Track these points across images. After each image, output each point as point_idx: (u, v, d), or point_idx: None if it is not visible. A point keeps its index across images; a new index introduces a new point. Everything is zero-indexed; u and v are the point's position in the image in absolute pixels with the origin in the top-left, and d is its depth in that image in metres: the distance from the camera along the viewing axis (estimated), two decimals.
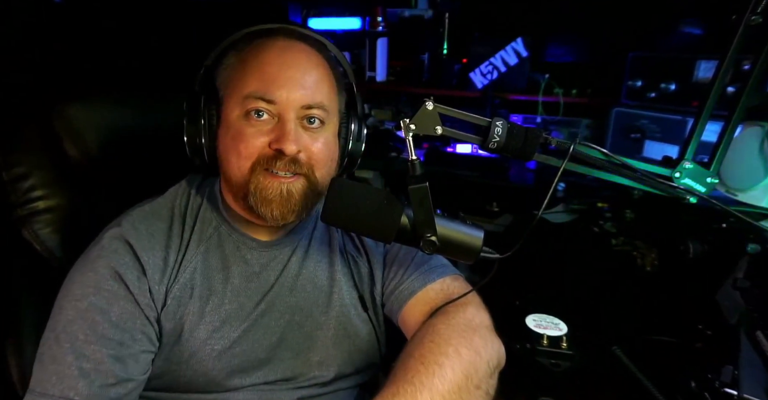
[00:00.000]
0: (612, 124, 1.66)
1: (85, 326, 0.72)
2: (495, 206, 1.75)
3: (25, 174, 0.89)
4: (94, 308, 0.73)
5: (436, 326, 0.75)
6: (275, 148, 0.74)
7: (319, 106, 0.77)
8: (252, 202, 0.76)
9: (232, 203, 0.83)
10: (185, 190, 0.86)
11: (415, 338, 0.74)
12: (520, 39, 1.91)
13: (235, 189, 0.78)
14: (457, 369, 0.67)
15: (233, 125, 0.76)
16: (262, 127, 0.75)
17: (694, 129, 0.78)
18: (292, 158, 0.75)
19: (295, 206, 0.77)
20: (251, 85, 0.75)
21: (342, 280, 0.88)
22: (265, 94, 0.74)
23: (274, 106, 0.75)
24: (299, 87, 0.75)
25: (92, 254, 0.76)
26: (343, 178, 0.70)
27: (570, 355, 0.88)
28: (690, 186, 0.77)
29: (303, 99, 0.75)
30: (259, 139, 0.75)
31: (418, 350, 0.70)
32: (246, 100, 0.75)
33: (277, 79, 0.75)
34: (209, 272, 0.82)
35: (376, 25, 2.18)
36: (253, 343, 0.82)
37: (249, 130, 0.75)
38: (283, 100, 0.74)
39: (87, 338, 0.71)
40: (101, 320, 0.72)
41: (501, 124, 0.68)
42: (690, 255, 0.99)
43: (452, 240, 0.68)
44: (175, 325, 0.78)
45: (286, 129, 0.74)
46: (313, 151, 0.77)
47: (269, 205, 0.76)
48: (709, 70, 1.36)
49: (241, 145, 0.75)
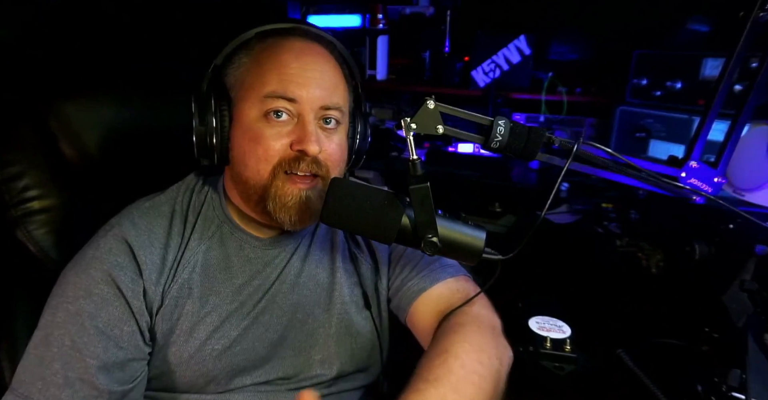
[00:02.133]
0: (617, 123, 1.65)
1: (73, 331, 0.72)
2: (497, 206, 1.75)
3: (19, 173, 0.89)
4: (84, 312, 0.73)
5: (466, 326, 0.75)
6: (297, 149, 0.74)
7: (336, 107, 0.78)
8: (270, 207, 0.76)
9: (241, 203, 0.83)
10: (188, 187, 0.87)
11: (444, 337, 0.74)
12: (523, 36, 1.91)
13: (251, 191, 0.78)
14: (486, 375, 0.68)
15: (251, 127, 0.76)
16: (282, 128, 0.75)
17: (701, 128, 0.77)
18: (313, 159, 0.75)
19: (313, 211, 0.78)
20: (271, 84, 0.75)
21: (344, 277, 0.88)
22: (286, 93, 0.74)
23: (294, 106, 0.75)
24: (318, 87, 0.76)
25: (88, 253, 0.77)
26: (344, 178, 0.70)
27: (574, 358, 0.88)
28: (696, 186, 0.77)
29: (322, 99, 0.76)
30: (280, 142, 0.75)
31: (450, 350, 0.70)
32: (266, 100, 0.75)
33: (297, 78, 0.75)
34: (210, 270, 0.82)
35: (377, 23, 2.17)
36: (254, 341, 0.83)
37: (269, 132, 0.75)
38: (303, 99, 0.75)
39: (74, 344, 0.72)
40: (89, 326, 0.73)
41: (503, 124, 0.68)
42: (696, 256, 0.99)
43: (454, 241, 0.68)
44: (171, 325, 0.79)
45: (308, 129, 0.75)
46: (329, 152, 0.78)
47: (288, 211, 0.76)
48: (716, 68, 1.36)
49: (260, 147, 0.75)
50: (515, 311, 1.04)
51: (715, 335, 0.91)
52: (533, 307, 0.99)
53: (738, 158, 0.80)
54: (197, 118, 0.76)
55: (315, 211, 0.77)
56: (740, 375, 0.76)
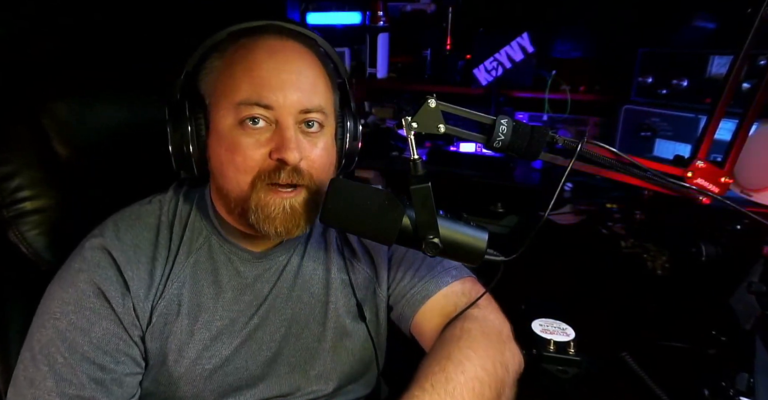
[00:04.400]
0: (621, 122, 1.65)
1: (63, 348, 0.70)
2: (500, 206, 1.75)
3: (11, 173, 0.88)
4: (75, 328, 0.71)
5: (472, 332, 0.74)
6: (276, 158, 0.70)
7: (317, 109, 0.74)
8: (253, 219, 0.73)
9: (226, 215, 0.80)
10: (172, 197, 0.83)
11: (446, 343, 0.72)
12: (526, 34, 1.91)
13: (233, 204, 0.75)
14: (488, 382, 0.67)
15: (227, 135, 0.72)
16: (260, 135, 0.71)
17: (708, 127, 0.77)
18: (294, 168, 0.71)
19: (299, 220, 0.74)
20: (243, 90, 0.71)
21: (339, 288, 0.86)
22: (260, 99, 0.70)
23: (270, 112, 0.71)
24: (296, 89, 0.72)
25: (74, 267, 0.74)
26: (343, 179, 0.70)
27: (578, 361, 0.87)
28: (703, 186, 0.77)
29: (300, 103, 0.72)
30: (258, 151, 0.71)
31: (452, 357, 0.69)
32: (239, 108, 0.71)
33: (270, 82, 0.71)
34: (199, 286, 0.79)
35: (377, 20, 2.17)
36: (247, 360, 0.81)
37: (245, 141, 0.71)
38: (279, 104, 0.71)
39: (66, 360, 0.70)
40: (82, 342, 0.71)
41: (506, 123, 0.68)
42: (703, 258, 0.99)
43: (455, 242, 0.68)
44: (161, 344, 0.77)
45: (287, 136, 0.70)
46: (313, 158, 0.74)
47: (272, 222, 0.72)
48: (723, 65, 1.36)
49: (239, 158, 0.71)
50: (518, 313, 1.04)
51: (722, 338, 0.91)
52: (536, 309, 0.98)
53: (746, 158, 0.80)
54: (171, 128, 0.74)
55: (301, 219, 0.74)
56: (748, 379, 0.76)
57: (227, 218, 0.80)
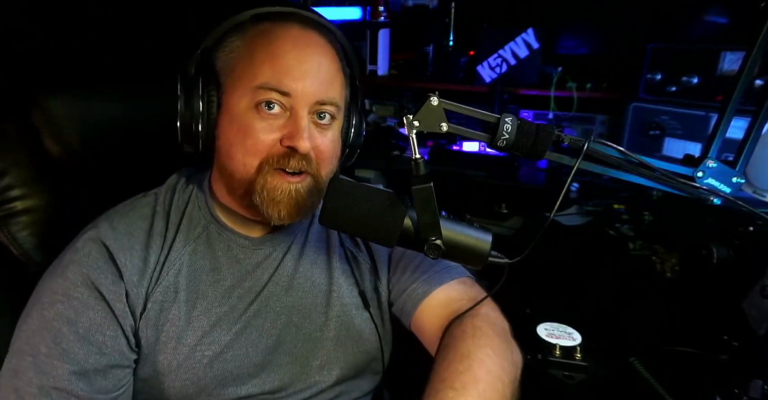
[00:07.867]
0: (629, 120, 1.65)
1: (48, 338, 0.71)
2: (504, 207, 1.75)
3: (1, 172, 0.88)
4: (61, 317, 0.72)
5: (483, 329, 0.75)
6: (288, 145, 0.73)
7: (331, 102, 0.77)
8: (257, 201, 0.75)
9: (227, 198, 0.82)
10: (169, 186, 0.86)
11: (463, 341, 0.73)
12: (531, 30, 1.91)
13: (236, 185, 0.77)
14: (507, 382, 0.69)
15: (240, 117, 0.75)
16: (273, 121, 0.74)
17: (719, 125, 0.77)
18: (303, 155, 0.74)
19: (303, 206, 0.77)
20: (264, 74, 0.73)
21: (341, 277, 0.88)
22: (280, 85, 0.73)
23: (287, 99, 0.74)
24: (315, 81, 0.75)
25: (65, 259, 0.76)
26: (343, 178, 0.70)
27: (584, 366, 0.87)
28: (714, 186, 0.76)
29: (318, 94, 0.75)
30: (270, 136, 0.74)
31: (473, 355, 0.70)
32: (257, 91, 0.73)
33: (293, 70, 0.74)
34: (197, 273, 0.81)
35: (378, 15, 2.18)
36: (247, 347, 0.82)
37: (259, 125, 0.74)
38: (298, 93, 0.74)
39: (50, 351, 0.71)
40: (67, 332, 0.72)
41: (510, 121, 0.67)
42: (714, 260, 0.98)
43: (458, 244, 0.68)
44: (156, 331, 0.78)
45: (301, 125, 0.74)
46: (321, 149, 0.77)
47: (276, 206, 0.75)
48: (735, 62, 1.36)
49: (249, 140, 0.74)
50: (523, 317, 1.04)
51: (735, 344, 0.90)
52: (542, 313, 0.98)
53: (758, 157, 0.80)
54: (183, 102, 0.75)
55: (304, 205, 0.77)
56: (762, 386, 0.75)
57: (227, 200, 0.82)
